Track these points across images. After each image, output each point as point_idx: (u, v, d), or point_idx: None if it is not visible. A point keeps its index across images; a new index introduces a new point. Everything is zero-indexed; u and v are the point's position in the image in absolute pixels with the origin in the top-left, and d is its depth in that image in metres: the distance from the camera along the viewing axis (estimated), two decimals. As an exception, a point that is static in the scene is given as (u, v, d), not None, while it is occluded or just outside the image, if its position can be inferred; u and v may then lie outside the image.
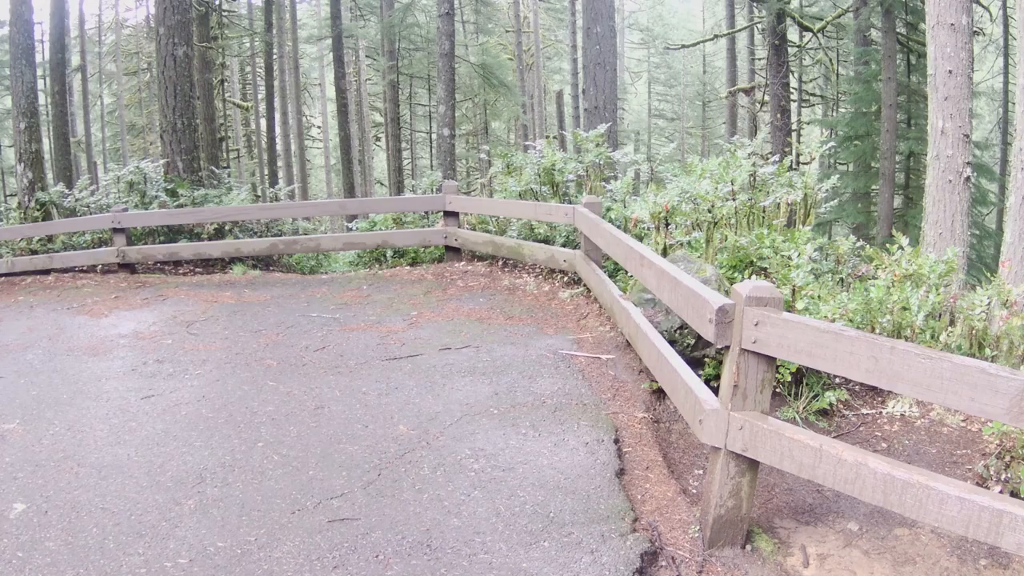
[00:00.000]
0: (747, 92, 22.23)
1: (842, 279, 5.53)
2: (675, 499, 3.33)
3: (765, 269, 5.13)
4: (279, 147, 22.81)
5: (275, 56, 20.83)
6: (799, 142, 18.29)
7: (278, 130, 22.23)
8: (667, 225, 6.13)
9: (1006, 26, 16.23)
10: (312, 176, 34.16)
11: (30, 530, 3.14)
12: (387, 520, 3.13)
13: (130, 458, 3.81)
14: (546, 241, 7.69)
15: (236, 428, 4.14)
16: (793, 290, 4.61)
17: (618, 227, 6.33)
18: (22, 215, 10.45)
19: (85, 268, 9.49)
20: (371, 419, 4.15)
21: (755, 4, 19.68)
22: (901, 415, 4.25)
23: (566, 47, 27.07)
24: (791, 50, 19.05)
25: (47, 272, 9.34)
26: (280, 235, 9.97)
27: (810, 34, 18.55)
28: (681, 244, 5.90)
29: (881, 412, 4.31)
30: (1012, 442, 3.44)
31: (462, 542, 2.96)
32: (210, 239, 9.58)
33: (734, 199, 5.92)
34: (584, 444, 3.74)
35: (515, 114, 27.42)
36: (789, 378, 4.29)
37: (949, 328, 4.44)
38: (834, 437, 3.98)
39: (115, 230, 8.91)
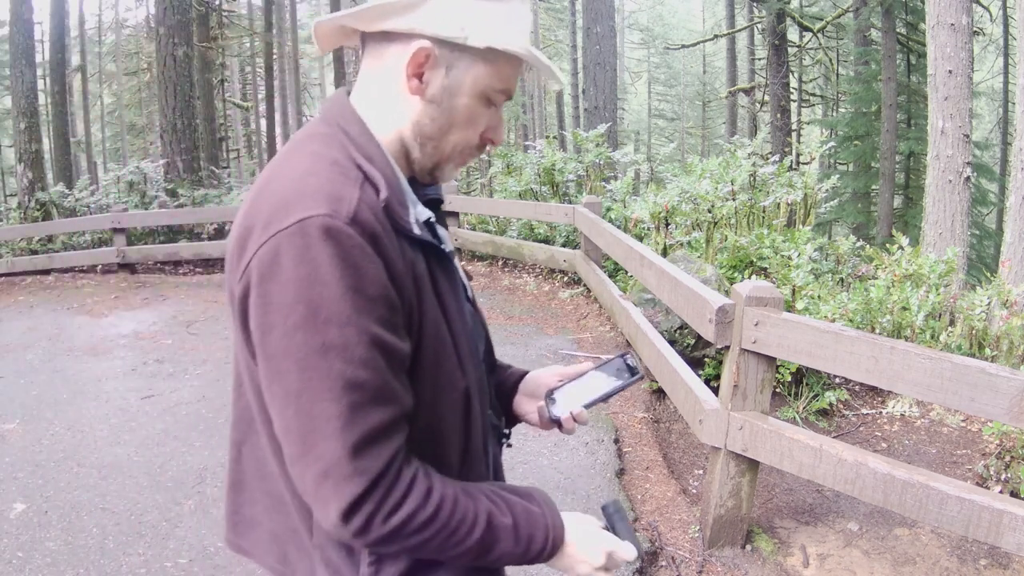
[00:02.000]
0: (747, 92, 22.23)
1: (842, 279, 5.54)
2: (675, 499, 3.33)
3: (765, 269, 5.13)
4: (279, 147, 22.79)
5: (275, 56, 20.83)
6: (799, 142, 18.29)
7: (278, 130, 22.24)
8: (667, 225, 6.13)
9: (1006, 26, 16.23)
10: (312, 176, 34.13)
11: (30, 530, 3.14)
12: (387, 520, 3.12)
13: (130, 458, 3.81)
14: (546, 241, 7.69)
15: (236, 428, 4.14)
16: (793, 290, 4.61)
17: (618, 227, 6.33)
18: (22, 215, 10.46)
19: (85, 268, 9.49)
20: (371, 419, 4.15)
21: (755, 4, 19.68)
22: (901, 415, 4.25)
23: (566, 47, 27.07)
24: (791, 50, 19.05)
25: (47, 272, 9.34)
26: (280, 235, 9.96)
27: (810, 34, 18.55)
28: (681, 244, 5.90)
29: (881, 412, 4.31)
30: (1012, 442, 3.44)
31: (462, 542, 2.95)
32: (210, 239, 9.59)
33: (734, 199, 5.93)
34: (584, 444, 3.74)
35: (515, 114, 27.42)
36: (789, 378, 4.29)
37: (949, 328, 4.44)
38: (834, 437, 3.98)
39: (115, 230, 8.91)
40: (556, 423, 1.15)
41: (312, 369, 0.82)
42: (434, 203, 1.09)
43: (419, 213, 0.97)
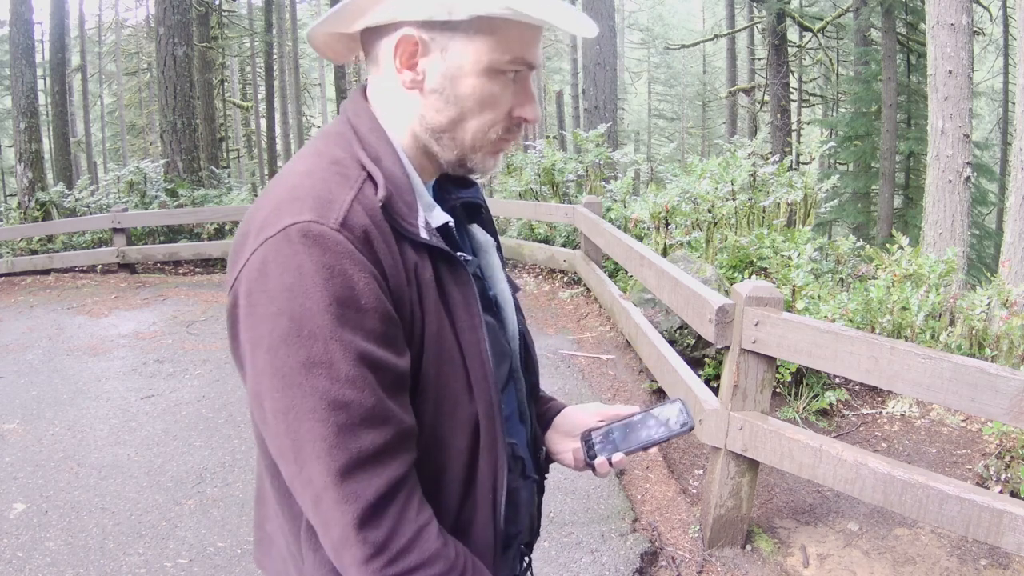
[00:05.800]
0: (747, 92, 22.22)
1: (842, 279, 5.54)
2: (675, 499, 3.33)
3: (765, 269, 5.13)
4: (279, 147, 22.81)
5: (275, 56, 20.83)
6: (799, 142, 18.28)
7: (278, 130, 22.23)
8: (667, 225, 6.13)
9: (1006, 26, 16.23)
10: (312, 176, 34.12)
11: (30, 530, 3.14)
12: (387, 520, 3.12)
13: (130, 458, 3.81)
14: (546, 241, 7.69)
15: (236, 428, 4.14)
16: (793, 290, 4.61)
17: (618, 227, 6.33)
18: (22, 215, 10.45)
19: (85, 268, 9.49)
20: (371, 419, 4.14)
21: (755, 4, 19.67)
22: (901, 415, 4.25)
23: (566, 47, 27.08)
24: (791, 50, 19.03)
25: (47, 272, 9.34)
26: (280, 235, 9.96)
27: (810, 34, 18.54)
28: (681, 244, 5.90)
29: (881, 412, 4.31)
30: (1012, 442, 3.44)
31: (462, 542, 2.95)
32: (210, 239, 9.59)
33: (734, 199, 5.93)
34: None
35: (515, 114, 27.31)
36: (789, 378, 4.28)
37: (949, 328, 4.44)
38: (834, 437, 3.98)
39: (115, 230, 8.91)
40: (590, 466, 1.06)
41: (297, 387, 0.76)
42: (472, 207, 1.02)
43: (434, 217, 0.88)
